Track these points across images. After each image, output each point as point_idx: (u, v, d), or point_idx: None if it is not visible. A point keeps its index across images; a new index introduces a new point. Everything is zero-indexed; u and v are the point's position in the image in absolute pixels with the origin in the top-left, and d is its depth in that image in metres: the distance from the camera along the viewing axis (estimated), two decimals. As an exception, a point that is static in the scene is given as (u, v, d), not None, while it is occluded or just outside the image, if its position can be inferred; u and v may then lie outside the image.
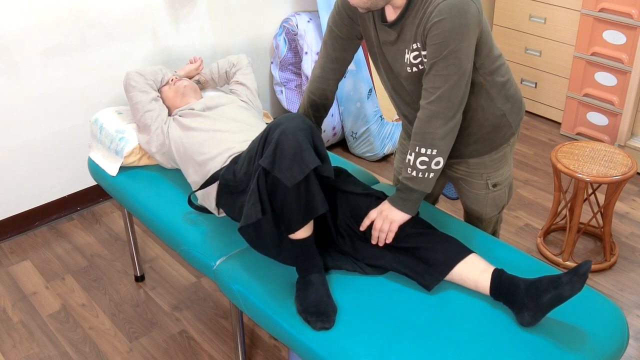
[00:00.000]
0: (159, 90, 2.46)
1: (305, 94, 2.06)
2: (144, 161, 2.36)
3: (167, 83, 2.47)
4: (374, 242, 1.80)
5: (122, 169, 2.36)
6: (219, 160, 2.03)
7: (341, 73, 1.99)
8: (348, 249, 1.84)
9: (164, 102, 2.45)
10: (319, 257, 1.75)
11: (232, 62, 2.55)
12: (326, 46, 1.94)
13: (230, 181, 1.90)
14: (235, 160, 1.95)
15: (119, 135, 2.36)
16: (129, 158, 2.32)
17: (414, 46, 1.70)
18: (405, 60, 1.75)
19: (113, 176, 2.34)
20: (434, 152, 1.70)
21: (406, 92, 1.85)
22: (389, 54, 1.81)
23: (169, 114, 2.45)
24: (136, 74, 2.36)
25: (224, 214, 2.07)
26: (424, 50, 1.69)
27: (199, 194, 2.08)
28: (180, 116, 2.27)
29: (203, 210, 2.09)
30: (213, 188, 2.01)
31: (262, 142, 1.73)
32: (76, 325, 2.48)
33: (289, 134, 1.63)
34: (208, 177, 2.03)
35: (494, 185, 2.01)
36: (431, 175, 1.73)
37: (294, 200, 1.65)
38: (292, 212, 1.66)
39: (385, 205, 1.78)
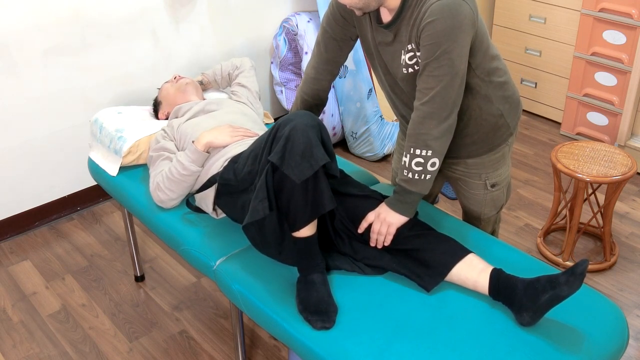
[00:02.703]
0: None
1: (297, 95, 2.05)
2: (144, 159, 2.36)
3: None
4: (372, 244, 1.80)
5: (122, 168, 2.36)
6: (215, 165, 2.03)
7: (334, 74, 1.98)
8: (347, 250, 1.84)
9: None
10: (321, 257, 1.75)
11: (236, 64, 2.58)
12: (319, 47, 1.94)
13: (231, 181, 1.90)
14: (235, 160, 1.94)
15: (118, 134, 2.36)
16: (128, 157, 2.32)
17: (409, 47, 1.70)
18: (402, 61, 1.75)
19: (113, 176, 2.34)
20: (429, 153, 1.70)
21: (403, 93, 1.85)
22: (385, 55, 1.81)
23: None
24: (168, 199, 2.10)
25: (222, 216, 2.07)
26: (419, 51, 1.69)
27: (196, 196, 2.09)
28: (180, 119, 2.27)
29: (201, 211, 2.09)
30: (210, 191, 2.01)
31: (271, 138, 1.72)
32: (76, 325, 2.48)
33: (299, 131, 1.63)
34: (204, 181, 2.03)
35: (493, 186, 2.01)
36: (427, 176, 1.73)
37: (300, 197, 1.65)
38: (298, 209, 1.66)
39: (382, 208, 1.78)
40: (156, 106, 2.52)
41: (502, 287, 1.64)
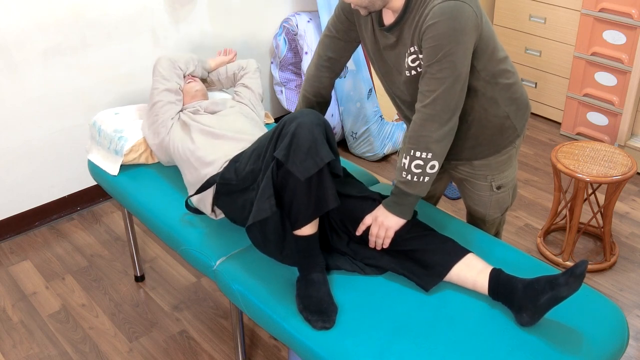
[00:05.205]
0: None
1: (300, 93, 2.06)
2: (144, 158, 2.36)
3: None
4: (371, 246, 1.80)
5: (122, 168, 2.36)
6: (215, 165, 2.02)
7: (335, 72, 1.98)
8: (346, 251, 1.84)
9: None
10: (322, 256, 1.75)
11: (242, 65, 2.58)
12: (322, 45, 1.95)
13: (231, 180, 1.89)
14: (236, 160, 1.94)
15: (118, 134, 2.36)
16: (129, 156, 2.32)
17: (412, 49, 1.70)
18: (405, 64, 1.75)
19: (114, 176, 2.34)
20: (429, 155, 1.69)
21: (406, 96, 1.85)
22: (389, 58, 1.80)
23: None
24: (166, 59, 2.37)
25: (221, 216, 2.07)
26: (421, 53, 1.68)
27: (194, 198, 2.08)
28: (184, 113, 2.27)
29: (200, 212, 2.09)
30: (209, 192, 2.00)
31: (276, 136, 1.72)
32: (76, 325, 2.48)
33: (305, 128, 1.63)
34: (203, 181, 2.02)
35: (498, 187, 2.00)
36: (426, 179, 1.72)
37: (304, 195, 1.65)
38: (301, 206, 1.66)
39: (380, 211, 1.77)
40: None
41: (501, 287, 1.64)
